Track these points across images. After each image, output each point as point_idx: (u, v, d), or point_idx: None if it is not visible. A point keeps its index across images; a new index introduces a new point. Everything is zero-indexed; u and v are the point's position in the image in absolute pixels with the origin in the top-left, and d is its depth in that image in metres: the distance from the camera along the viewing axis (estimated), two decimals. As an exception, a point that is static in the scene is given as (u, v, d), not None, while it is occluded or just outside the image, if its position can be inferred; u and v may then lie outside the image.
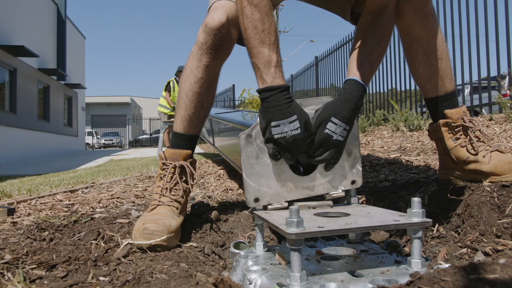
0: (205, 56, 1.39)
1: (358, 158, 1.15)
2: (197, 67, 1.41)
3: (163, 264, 1.02)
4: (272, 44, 1.08)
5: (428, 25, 1.31)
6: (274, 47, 1.08)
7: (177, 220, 1.26)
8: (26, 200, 2.14)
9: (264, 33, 1.08)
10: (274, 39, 1.09)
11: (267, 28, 1.08)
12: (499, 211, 1.08)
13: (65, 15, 16.26)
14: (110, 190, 2.40)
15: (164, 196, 1.34)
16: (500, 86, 4.48)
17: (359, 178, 1.16)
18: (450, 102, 1.37)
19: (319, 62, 9.95)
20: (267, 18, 1.09)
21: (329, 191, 1.14)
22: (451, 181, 1.38)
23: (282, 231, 0.84)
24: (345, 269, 0.90)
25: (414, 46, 1.35)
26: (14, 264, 0.99)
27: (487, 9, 4.44)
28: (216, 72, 1.43)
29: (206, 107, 1.47)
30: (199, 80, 1.41)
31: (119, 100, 38.43)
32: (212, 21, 1.33)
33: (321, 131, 1.06)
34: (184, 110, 1.44)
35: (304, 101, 1.11)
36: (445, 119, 1.36)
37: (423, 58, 1.35)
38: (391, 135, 3.75)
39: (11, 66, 11.94)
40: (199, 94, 1.42)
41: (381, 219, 0.93)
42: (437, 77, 1.35)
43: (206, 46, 1.37)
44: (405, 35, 1.36)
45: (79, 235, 1.29)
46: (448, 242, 1.10)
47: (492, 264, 0.60)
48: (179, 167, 1.38)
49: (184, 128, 1.44)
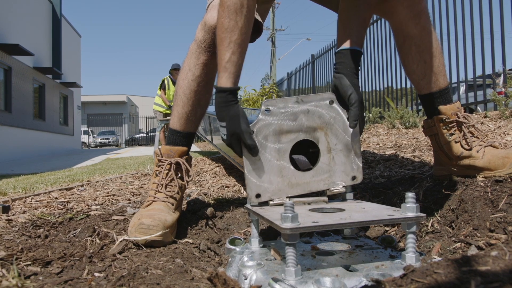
0: (204, 54, 1.39)
1: (358, 154, 1.16)
2: (195, 65, 1.41)
3: (158, 260, 1.02)
4: (230, 42, 1.11)
5: (421, 22, 1.32)
6: (231, 46, 1.11)
7: (172, 216, 1.27)
8: (21, 198, 2.13)
9: (227, 31, 1.11)
10: (236, 38, 1.11)
11: (231, 26, 1.10)
12: (492, 205, 1.09)
13: (60, 14, 16.17)
14: (105, 188, 2.40)
15: (160, 192, 1.34)
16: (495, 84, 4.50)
17: (360, 174, 1.16)
18: (444, 98, 1.38)
19: (315, 60, 9.96)
20: (234, 15, 1.10)
21: (330, 187, 1.14)
22: (446, 176, 1.39)
23: (277, 226, 0.84)
24: (340, 264, 0.91)
25: (408, 43, 1.36)
26: (9, 261, 0.99)
27: (482, 7, 4.46)
28: (214, 70, 1.43)
29: (204, 105, 1.47)
30: (197, 78, 1.42)
31: (115, 99, 38.30)
32: (212, 19, 1.34)
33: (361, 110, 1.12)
34: (181, 108, 1.44)
35: (305, 97, 1.11)
36: (440, 115, 1.37)
37: (416, 55, 1.36)
38: (387, 132, 3.77)
39: (5, 64, 11.87)
40: (197, 92, 1.43)
41: (376, 214, 0.94)
42: (430, 73, 1.36)
43: (205, 44, 1.38)
44: (398, 33, 1.37)
45: (74, 232, 1.28)
46: (442, 237, 1.10)
47: (484, 256, 0.61)
48: (175, 164, 1.38)
49: (181, 125, 1.45)
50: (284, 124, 1.09)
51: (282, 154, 1.10)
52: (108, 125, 36.25)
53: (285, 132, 1.10)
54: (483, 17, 4.51)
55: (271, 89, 10.40)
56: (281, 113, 1.09)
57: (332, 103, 1.13)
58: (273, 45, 25.24)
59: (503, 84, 4.24)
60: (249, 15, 1.13)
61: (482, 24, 4.52)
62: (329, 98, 1.13)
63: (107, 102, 38.52)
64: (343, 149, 1.14)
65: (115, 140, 32.67)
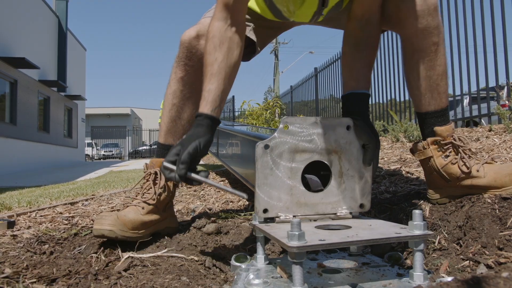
0: (178, 68, 1.48)
1: (369, 183, 1.15)
2: (172, 79, 1.50)
3: (164, 277, 1.01)
4: (211, 75, 1.20)
5: (433, 37, 1.29)
6: (212, 77, 1.20)
7: (137, 215, 1.35)
8: (26, 212, 2.13)
9: (208, 66, 1.21)
10: (215, 72, 1.20)
11: (211, 61, 1.21)
12: (500, 223, 1.08)
13: (66, 28, 16.38)
14: (110, 202, 2.40)
15: (136, 199, 1.43)
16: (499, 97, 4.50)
17: (368, 202, 1.16)
18: (443, 119, 1.34)
19: (318, 73, 10.00)
20: (214, 51, 1.21)
21: (337, 212, 1.14)
22: (443, 199, 1.35)
23: (284, 244, 0.84)
24: (347, 282, 0.90)
25: (416, 57, 1.32)
26: (14, 278, 0.98)
27: (484, 20, 4.48)
28: (192, 84, 1.49)
29: (186, 119, 1.53)
30: (174, 92, 1.50)
31: (119, 111, 38.51)
32: (183, 36, 1.46)
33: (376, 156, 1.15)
34: (163, 121, 1.54)
35: (323, 119, 1.12)
36: (435, 136, 1.33)
37: (423, 71, 1.32)
38: (391, 146, 3.76)
39: (11, 77, 11.99)
40: (175, 105, 1.51)
41: (383, 231, 0.93)
42: (434, 92, 1.33)
43: (178, 59, 1.48)
44: (407, 45, 1.33)
45: (79, 248, 1.28)
46: (450, 254, 1.09)
47: (495, 277, 0.60)
48: (153, 174, 1.46)
49: (162, 137, 1.55)
50: (299, 144, 1.09)
51: (294, 173, 1.09)
52: (112, 138, 36.38)
53: (300, 151, 1.09)
54: (485, 30, 4.53)
55: (275, 102, 10.42)
56: (298, 132, 1.09)
57: (349, 129, 1.13)
58: (276, 58, 25.43)
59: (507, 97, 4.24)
60: (229, 50, 1.23)
61: (484, 36, 4.54)
62: (347, 123, 1.13)
63: (111, 114, 38.72)
64: (354, 175, 1.14)
65: (119, 152, 32.76)
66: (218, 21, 1.23)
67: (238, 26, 1.25)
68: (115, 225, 1.25)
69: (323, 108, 9.93)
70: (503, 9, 4.23)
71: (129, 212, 1.35)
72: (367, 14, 1.26)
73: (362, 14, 1.26)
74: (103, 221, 1.25)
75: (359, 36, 1.27)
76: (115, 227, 1.25)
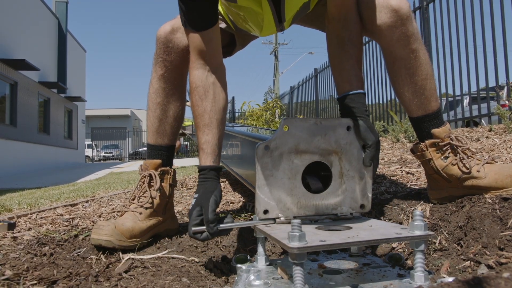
0: (158, 65, 1.46)
1: (369, 184, 1.15)
2: (153, 78, 1.48)
3: (164, 279, 1.01)
4: (203, 126, 1.22)
5: (410, 45, 1.29)
6: (204, 130, 1.21)
7: (134, 223, 1.32)
8: (26, 214, 2.13)
9: (198, 117, 1.23)
10: (207, 122, 1.22)
11: (201, 112, 1.23)
12: (501, 223, 1.08)
13: (66, 29, 16.39)
14: (110, 204, 2.39)
15: (133, 203, 1.41)
16: (499, 97, 4.50)
17: (368, 203, 1.16)
18: (436, 121, 1.34)
19: (318, 74, 10.00)
20: (201, 102, 1.23)
21: (337, 212, 1.14)
22: (445, 199, 1.35)
23: (284, 245, 0.84)
24: (348, 283, 0.90)
25: (397, 65, 1.33)
26: (15, 280, 0.98)
27: (483, 20, 4.48)
28: (174, 80, 1.47)
29: (173, 117, 1.50)
30: (157, 91, 1.47)
31: (119, 113, 38.48)
32: (159, 32, 1.43)
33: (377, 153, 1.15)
34: (149, 121, 1.51)
35: (324, 120, 1.12)
36: (432, 139, 1.33)
37: (406, 77, 1.32)
38: (391, 146, 3.76)
39: (12, 79, 12.00)
40: (159, 104, 1.48)
41: (383, 232, 0.93)
42: (421, 96, 1.33)
43: (156, 56, 1.45)
44: (387, 54, 1.35)
45: (79, 250, 1.28)
46: (451, 254, 1.09)
47: (496, 278, 0.60)
48: (148, 176, 1.44)
49: (151, 138, 1.52)
50: (300, 144, 1.09)
51: (294, 173, 1.09)
52: (112, 139, 36.36)
53: (300, 152, 1.09)
54: (485, 30, 4.53)
55: (275, 103, 10.43)
56: (298, 133, 1.09)
57: (350, 129, 1.13)
58: (276, 59, 25.42)
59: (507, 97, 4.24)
60: (215, 96, 1.25)
61: (484, 36, 4.54)
62: (347, 124, 1.13)
63: (111, 116, 38.71)
64: (355, 176, 1.14)
65: (119, 154, 32.75)
66: (197, 70, 1.24)
67: (218, 68, 1.28)
68: (112, 235, 1.24)
69: (323, 108, 9.93)
70: (503, 9, 4.23)
71: (126, 220, 1.33)
72: (344, 10, 1.27)
73: (339, 12, 1.27)
74: (100, 231, 1.24)
75: (341, 36, 1.28)
76: (112, 237, 1.23)
